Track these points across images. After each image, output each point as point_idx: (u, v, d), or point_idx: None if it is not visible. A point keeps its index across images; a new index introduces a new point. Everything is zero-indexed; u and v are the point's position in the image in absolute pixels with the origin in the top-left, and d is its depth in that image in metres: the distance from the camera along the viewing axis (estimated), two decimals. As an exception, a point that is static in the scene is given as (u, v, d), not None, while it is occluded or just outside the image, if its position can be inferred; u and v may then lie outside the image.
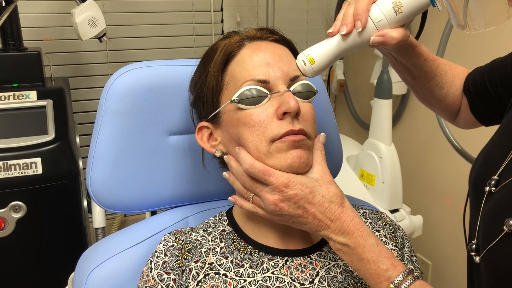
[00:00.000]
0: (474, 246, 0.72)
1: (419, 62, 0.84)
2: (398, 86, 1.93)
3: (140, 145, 0.88)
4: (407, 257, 0.83)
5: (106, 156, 0.86)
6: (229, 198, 0.77)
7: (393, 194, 1.71)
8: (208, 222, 0.83)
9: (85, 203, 1.53)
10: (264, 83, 0.73)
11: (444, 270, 1.97)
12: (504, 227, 0.64)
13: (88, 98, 1.99)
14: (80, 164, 1.49)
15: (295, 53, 0.80)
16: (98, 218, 1.56)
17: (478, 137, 0.80)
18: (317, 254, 0.78)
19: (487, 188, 0.71)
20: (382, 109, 1.74)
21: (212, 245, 0.78)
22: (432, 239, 2.00)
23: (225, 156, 0.77)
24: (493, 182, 0.71)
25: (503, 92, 0.86)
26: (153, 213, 0.99)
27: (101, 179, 0.87)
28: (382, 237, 0.82)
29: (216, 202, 0.96)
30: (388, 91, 1.74)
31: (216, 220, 0.83)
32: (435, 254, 2.03)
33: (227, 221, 0.82)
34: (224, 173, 0.78)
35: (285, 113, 0.71)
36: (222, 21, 2.17)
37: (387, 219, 0.87)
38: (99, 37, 1.66)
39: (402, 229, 0.87)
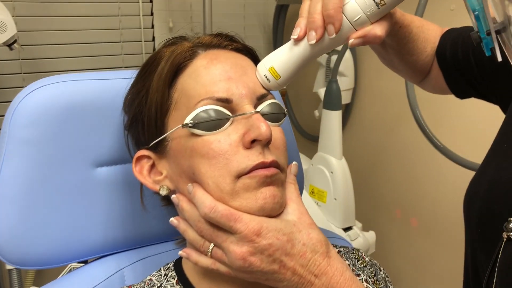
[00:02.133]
0: None
1: (393, 31, 0.71)
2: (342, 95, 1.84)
3: (58, 181, 0.69)
4: (392, 303, 0.70)
5: (12, 198, 0.66)
6: (180, 252, 0.60)
7: (346, 211, 1.61)
8: (151, 280, 0.65)
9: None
10: (225, 102, 0.57)
11: (400, 286, 1.90)
12: None
13: (-2, 115, 1.75)
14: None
15: None
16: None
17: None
18: None
19: (505, 234, 0.58)
20: (332, 121, 1.63)
21: (159, 312, 0.60)
22: (384, 254, 1.92)
23: (173, 196, 0.60)
24: (511, 226, 0.57)
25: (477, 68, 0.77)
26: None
27: (6, 228, 0.67)
28: (363, 281, 0.69)
29: (158, 246, 0.79)
30: (338, 101, 1.64)
31: (161, 276, 0.65)
32: (388, 270, 1.95)
33: (176, 278, 0.64)
34: (171, 219, 0.61)
35: (253, 141, 0.55)
36: (152, 27, 1.99)
37: (366, 259, 0.73)
38: (9, 44, 1.45)
39: (383, 270, 0.74)
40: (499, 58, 0.51)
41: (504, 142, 0.66)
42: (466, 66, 0.78)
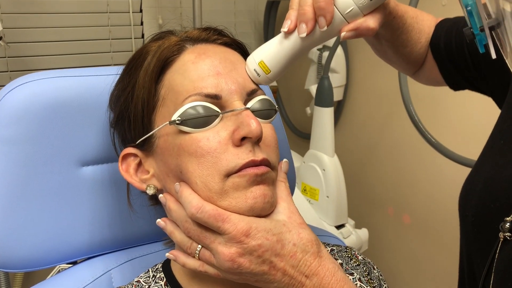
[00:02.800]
0: None
1: (387, 21, 0.69)
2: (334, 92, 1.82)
3: (42, 181, 0.67)
4: (386, 302, 0.68)
5: (-6, 199, 0.64)
6: (167, 254, 0.58)
7: (338, 209, 1.59)
8: (139, 281, 0.63)
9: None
10: (214, 98, 0.55)
11: (393, 284, 1.89)
12: None
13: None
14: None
15: None
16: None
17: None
18: None
19: (501, 235, 0.56)
20: (324, 118, 1.61)
21: (146, 315, 0.58)
22: (377, 252, 1.91)
23: (161, 195, 0.59)
24: (507, 226, 0.56)
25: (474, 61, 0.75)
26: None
27: (-12, 230, 0.65)
28: (356, 281, 0.68)
29: (146, 246, 0.77)
30: (330, 98, 1.62)
31: (149, 278, 0.64)
32: (381, 268, 1.95)
33: (165, 280, 0.63)
34: (158, 220, 0.59)
35: (243, 138, 0.54)
36: (142, 23, 1.96)
37: (360, 257, 0.72)
38: (-6, 42, 1.41)
39: (377, 268, 0.73)
40: (493, 56, 0.50)
41: (500, 138, 0.64)
42: (460, 57, 0.76)
